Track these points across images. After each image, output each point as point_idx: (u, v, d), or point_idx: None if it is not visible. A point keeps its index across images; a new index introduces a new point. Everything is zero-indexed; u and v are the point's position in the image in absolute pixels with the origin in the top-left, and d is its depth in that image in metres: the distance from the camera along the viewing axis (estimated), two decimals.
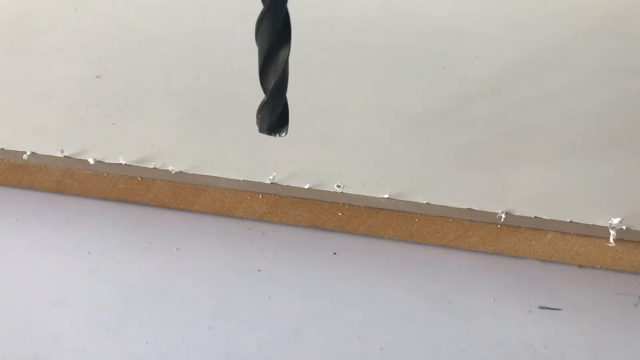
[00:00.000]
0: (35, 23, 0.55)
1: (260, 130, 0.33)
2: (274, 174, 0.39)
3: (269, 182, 0.39)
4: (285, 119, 0.34)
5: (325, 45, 0.52)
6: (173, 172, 0.40)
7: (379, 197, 0.38)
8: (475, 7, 0.58)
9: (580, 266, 0.39)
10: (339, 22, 0.55)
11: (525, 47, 0.53)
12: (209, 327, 0.36)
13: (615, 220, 0.36)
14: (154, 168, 0.40)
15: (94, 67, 0.49)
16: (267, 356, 0.34)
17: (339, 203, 0.39)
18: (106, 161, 0.41)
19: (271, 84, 0.32)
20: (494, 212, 0.37)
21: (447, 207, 0.38)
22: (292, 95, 0.46)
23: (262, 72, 0.32)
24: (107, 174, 0.41)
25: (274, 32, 0.31)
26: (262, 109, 0.33)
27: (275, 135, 0.33)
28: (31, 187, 0.43)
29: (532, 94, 0.47)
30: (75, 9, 0.57)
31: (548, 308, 0.37)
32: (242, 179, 0.39)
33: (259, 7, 0.57)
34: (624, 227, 0.36)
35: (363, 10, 0.58)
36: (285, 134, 0.33)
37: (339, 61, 0.50)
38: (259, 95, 0.47)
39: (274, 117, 0.33)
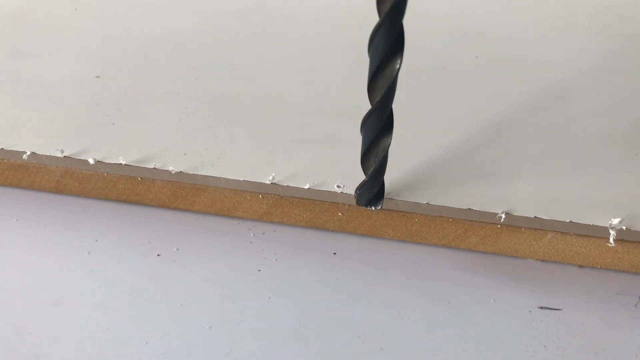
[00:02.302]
0: (35, 23, 0.55)
1: (358, 204, 0.38)
2: (274, 174, 0.39)
3: (268, 182, 0.39)
4: (381, 195, 0.38)
5: (324, 45, 0.52)
6: (173, 172, 0.40)
7: None
8: (475, 6, 0.58)
9: (580, 266, 0.39)
10: (338, 22, 0.55)
11: (525, 47, 0.53)
12: (209, 327, 0.36)
13: (615, 221, 0.36)
14: (154, 168, 0.40)
15: (94, 67, 0.49)
16: (267, 356, 0.34)
17: (339, 203, 0.39)
18: (106, 161, 0.41)
19: (372, 167, 0.36)
20: (494, 213, 0.37)
21: (447, 207, 0.38)
22: (292, 95, 0.47)
23: (364, 157, 0.36)
24: (107, 174, 0.41)
25: (381, 127, 0.34)
26: (362, 187, 0.37)
27: (371, 207, 0.38)
28: (31, 187, 0.43)
29: (531, 94, 0.47)
30: (75, 9, 0.57)
31: (548, 308, 0.37)
32: (242, 179, 0.39)
33: (258, 7, 0.57)
34: (624, 228, 0.36)
35: (362, 10, 0.58)
36: (381, 207, 0.38)
37: (339, 61, 0.50)
38: (259, 96, 0.47)
39: (372, 194, 0.37)
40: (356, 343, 0.35)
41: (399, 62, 0.32)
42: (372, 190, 0.37)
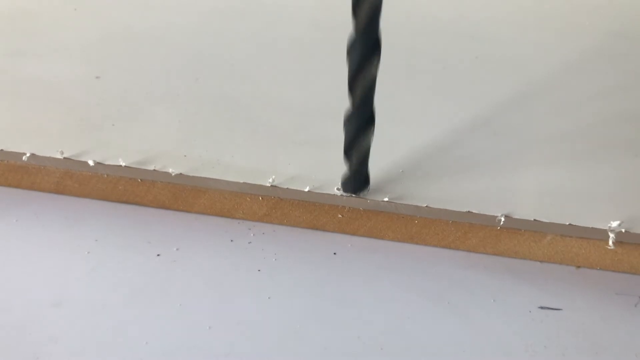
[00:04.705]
0: (35, 23, 0.55)
1: (345, 192, 0.39)
2: (274, 176, 0.39)
3: (269, 184, 0.39)
4: (367, 183, 0.39)
5: (324, 47, 0.52)
6: (173, 174, 0.40)
7: (378, 201, 0.38)
8: (475, 7, 0.58)
9: (578, 267, 0.39)
10: (338, 24, 0.55)
11: (525, 48, 0.53)
12: (209, 327, 0.36)
13: (614, 224, 0.36)
14: (154, 170, 0.40)
15: (94, 68, 0.49)
16: (267, 356, 0.34)
17: (338, 205, 0.39)
18: (106, 163, 0.41)
19: (353, 164, 0.37)
20: (493, 215, 0.37)
21: (446, 210, 0.38)
22: (293, 98, 0.47)
23: (346, 154, 0.37)
24: (107, 175, 0.41)
25: (361, 127, 0.36)
26: (347, 181, 0.38)
27: (358, 194, 0.39)
28: (31, 188, 0.43)
29: (531, 95, 0.47)
30: (75, 9, 0.57)
31: (548, 308, 0.37)
32: (242, 182, 0.39)
33: (259, 8, 0.57)
34: (623, 230, 0.36)
35: None
36: (367, 192, 0.39)
37: (339, 63, 0.50)
38: (259, 98, 0.47)
39: (356, 186, 0.38)
40: (356, 343, 0.35)
41: (376, 64, 0.33)
42: (356, 182, 0.38)
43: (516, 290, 0.38)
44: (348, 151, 0.37)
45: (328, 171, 0.40)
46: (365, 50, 0.32)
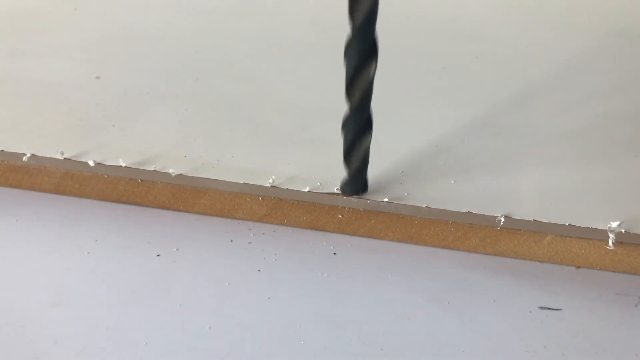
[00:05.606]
0: (35, 23, 0.55)
1: (344, 194, 0.39)
2: (274, 177, 0.39)
3: (269, 185, 0.39)
4: (365, 186, 0.39)
5: (324, 47, 0.52)
6: (173, 174, 0.40)
7: (378, 201, 0.38)
8: (475, 7, 0.58)
9: (578, 267, 0.39)
10: (338, 23, 0.55)
11: (525, 47, 0.53)
12: (209, 327, 0.36)
13: (614, 224, 0.36)
14: (154, 170, 0.40)
15: (94, 68, 0.49)
16: (267, 356, 0.35)
17: (338, 206, 0.39)
18: (106, 163, 0.41)
19: (353, 167, 0.37)
20: (493, 216, 0.37)
21: (446, 210, 0.38)
22: (293, 98, 0.47)
23: (346, 157, 0.37)
24: (107, 175, 0.41)
25: (360, 129, 0.36)
26: (345, 185, 0.38)
27: (356, 195, 0.39)
28: (31, 188, 0.43)
29: (531, 95, 0.47)
30: (75, 9, 0.57)
31: (548, 308, 0.37)
32: (242, 182, 0.39)
33: (259, 7, 0.57)
34: (622, 231, 0.36)
35: None
36: (366, 191, 0.39)
37: (339, 63, 0.50)
38: (260, 98, 0.47)
39: (356, 189, 0.39)
40: (356, 343, 0.35)
41: (373, 68, 0.33)
42: (355, 186, 0.38)
43: (516, 290, 0.38)
44: (347, 156, 0.37)
45: (328, 171, 0.40)
46: (362, 54, 0.32)
